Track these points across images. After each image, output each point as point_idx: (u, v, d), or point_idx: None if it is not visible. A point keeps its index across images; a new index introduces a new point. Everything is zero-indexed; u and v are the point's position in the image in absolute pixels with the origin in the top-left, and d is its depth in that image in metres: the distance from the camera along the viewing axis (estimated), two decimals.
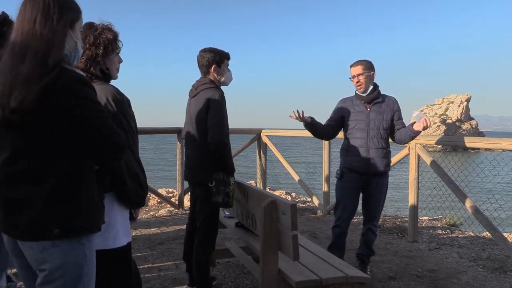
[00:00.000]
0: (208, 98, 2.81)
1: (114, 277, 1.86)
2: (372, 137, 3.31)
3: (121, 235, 1.86)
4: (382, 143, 3.33)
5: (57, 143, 1.39)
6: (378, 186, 3.39)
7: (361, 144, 3.34)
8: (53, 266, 1.40)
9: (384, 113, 3.34)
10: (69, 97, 1.35)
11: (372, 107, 3.35)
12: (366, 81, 3.33)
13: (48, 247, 1.39)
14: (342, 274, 2.59)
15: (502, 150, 3.92)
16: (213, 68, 2.94)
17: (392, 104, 3.38)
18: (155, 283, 3.39)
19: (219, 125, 2.77)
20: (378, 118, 3.31)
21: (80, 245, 1.44)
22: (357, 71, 3.35)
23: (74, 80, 1.38)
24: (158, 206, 6.44)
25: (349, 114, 3.42)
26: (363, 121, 3.34)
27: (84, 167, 1.46)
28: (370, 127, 3.32)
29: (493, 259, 4.05)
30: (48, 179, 1.37)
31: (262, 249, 2.56)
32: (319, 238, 4.76)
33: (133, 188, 1.84)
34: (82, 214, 1.44)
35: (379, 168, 3.32)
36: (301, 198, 7.54)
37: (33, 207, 1.36)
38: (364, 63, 3.36)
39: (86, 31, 1.88)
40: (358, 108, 3.40)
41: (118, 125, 1.63)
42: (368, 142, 3.32)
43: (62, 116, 1.35)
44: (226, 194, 2.79)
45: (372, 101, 3.35)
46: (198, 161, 2.92)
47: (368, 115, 3.34)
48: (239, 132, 6.79)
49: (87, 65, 1.88)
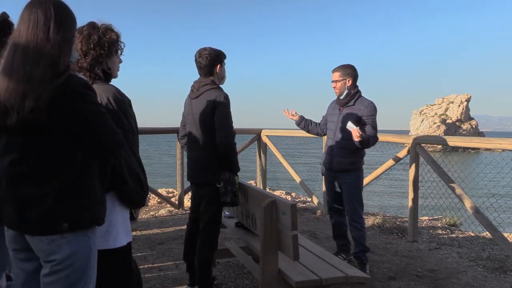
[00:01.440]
0: (213, 99, 2.82)
1: (114, 277, 1.87)
2: (337, 137, 3.64)
3: (121, 235, 1.86)
4: (346, 144, 3.56)
5: (64, 143, 1.49)
6: (346, 182, 3.67)
7: (330, 143, 3.74)
8: (61, 257, 1.49)
9: (352, 116, 3.56)
10: (76, 100, 1.46)
11: (343, 110, 3.65)
12: (342, 87, 3.63)
13: (56, 239, 1.48)
14: (342, 274, 2.59)
15: (502, 150, 3.93)
16: (218, 67, 2.95)
17: (363, 109, 3.56)
18: (155, 283, 3.39)
19: (227, 126, 2.81)
20: (346, 120, 3.53)
21: (87, 237, 1.55)
22: (335, 77, 3.67)
23: (80, 85, 1.49)
24: (158, 206, 6.44)
25: (328, 115, 3.86)
26: (334, 122, 3.71)
27: (89, 164, 1.55)
28: (337, 128, 3.65)
29: (493, 259, 4.05)
30: (57, 177, 1.47)
31: (262, 249, 2.57)
32: (319, 238, 4.76)
33: (134, 187, 1.85)
34: (89, 208, 1.54)
35: (343, 166, 3.64)
36: (301, 198, 7.54)
37: (43, 204, 1.46)
38: (341, 70, 3.64)
39: (91, 31, 1.89)
40: (333, 110, 3.79)
41: (117, 124, 1.68)
42: (334, 141, 3.68)
43: (70, 118, 1.46)
44: (233, 193, 2.82)
45: (344, 104, 3.65)
46: (204, 162, 2.92)
47: (338, 117, 3.67)
48: (239, 132, 6.77)
49: (92, 65, 1.89)
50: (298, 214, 2.61)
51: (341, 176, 3.68)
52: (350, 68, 3.64)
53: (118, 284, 1.89)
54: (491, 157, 5.17)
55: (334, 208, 3.86)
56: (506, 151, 4.08)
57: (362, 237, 3.65)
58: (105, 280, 1.80)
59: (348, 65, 3.66)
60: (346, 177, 3.66)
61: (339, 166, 3.65)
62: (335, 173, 3.71)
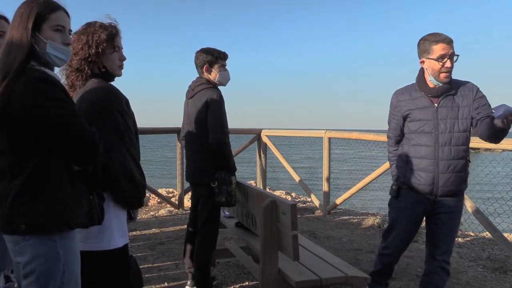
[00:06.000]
0: (207, 98, 2.82)
1: (110, 278, 1.84)
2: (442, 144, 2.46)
3: (116, 237, 1.83)
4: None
5: (25, 142, 1.45)
6: (450, 209, 2.54)
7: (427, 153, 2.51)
8: (25, 260, 1.47)
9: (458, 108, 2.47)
10: (30, 96, 1.41)
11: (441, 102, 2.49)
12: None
13: (19, 240, 1.47)
14: (342, 274, 2.59)
15: (502, 150, 3.92)
16: (205, 68, 2.95)
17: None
18: (155, 283, 3.39)
19: (219, 125, 2.78)
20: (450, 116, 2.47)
21: (51, 241, 1.48)
22: (451, 47, 2.40)
23: (36, 80, 1.43)
24: (158, 206, 6.44)
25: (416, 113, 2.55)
26: (431, 121, 2.49)
27: (54, 166, 1.49)
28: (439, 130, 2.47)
29: (493, 259, 4.05)
30: (17, 177, 1.44)
31: (262, 249, 2.57)
32: (319, 238, 4.76)
33: (128, 188, 1.81)
34: (48, 211, 1.46)
35: (453, 187, 2.49)
36: (301, 198, 7.54)
37: (4, 203, 1.44)
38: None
39: (82, 31, 1.89)
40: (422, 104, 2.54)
41: (112, 124, 1.69)
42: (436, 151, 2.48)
43: (27, 116, 1.41)
44: (228, 193, 2.80)
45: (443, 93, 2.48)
46: (199, 161, 2.92)
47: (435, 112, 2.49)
48: (239, 132, 6.79)
49: (81, 65, 1.87)
50: (298, 214, 2.61)
51: (446, 202, 2.53)
52: None
53: (113, 286, 1.86)
54: (491, 157, 5.17)
55: (405, 245, 2.71)
56: (506, 151, 4.08)
57: (445, 284, 2.66)
58: (101, 281, 1.78)
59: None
60: (452, 204, 2.54)
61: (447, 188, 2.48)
62: (436, 197, 2.52)
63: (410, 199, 2.58)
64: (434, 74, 2.42)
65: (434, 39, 2.41)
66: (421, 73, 2.54)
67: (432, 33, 2.45)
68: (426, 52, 2.44)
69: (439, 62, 2.38)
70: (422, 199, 2.54)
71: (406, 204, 2.60)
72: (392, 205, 2.72)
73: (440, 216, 2.54)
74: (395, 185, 2.66)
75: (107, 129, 1.75)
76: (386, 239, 2.75)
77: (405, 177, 2.58)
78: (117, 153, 1.78)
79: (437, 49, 2.39)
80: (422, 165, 2.49)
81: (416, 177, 2.52)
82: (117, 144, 1.79)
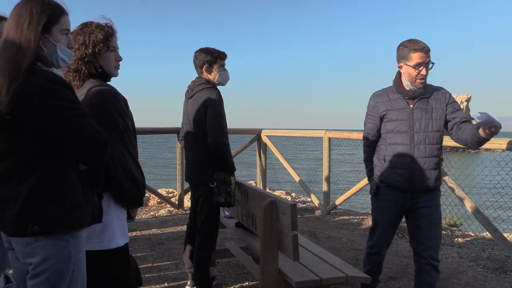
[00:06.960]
0: (206, 98, 2.81)
1: (111, 277, 1.85)
2: (417, 142, 2.57)
3: (117, 236, 1.84)
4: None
5: (38, 143, 1.44)
6: (428, 204, 2.63)
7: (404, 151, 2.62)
8: (37, 260, 1.46)
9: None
10: (44, 98, 1.41)
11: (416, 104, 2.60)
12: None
13: (31, 242, 1.45)
14: (342, 274, 2.59)
15: (502, 150, 3.92)
16: (205, 68, 2.94)
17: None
18: (155, 283, 3.39)
19: (218, 125, 2.78)
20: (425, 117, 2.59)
21: (64, 241, 1.49)
22: (428, 56, 2.52)
23: (48, 81, 1.43)
24: (158, 206, 6.44)
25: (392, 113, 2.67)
26: (406, 121, 2.60)
27: (64, 166, 1.49)
28: (414, 130, 2.58)
29: (493, 259, 4.05)
30: (29, 178, 1.43)
31: (262, 249, 2.56)
32: (319, 238, 4.76)
33: (129, 188, 1.83)
34: (61, 211, 1.47)
35: (428, 182, 2.59)
36: (301, 198, 7.54)
37: (15, 205, 1.43)
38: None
39: (79, 31, 1.89)
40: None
41: (110, 124, 1.68)
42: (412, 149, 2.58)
43: (39, 116, 1.41)
44: (227, 193, 2.80)
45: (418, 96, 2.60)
46: (198, 162, 2.92)
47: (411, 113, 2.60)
48: (239, 132, 6.79)
49: (78, 65, 1.87)
50: (298, 214, 2.60)
51: (423, 197, 2.63)
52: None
53: (114, 285, 1.86)
54: (491, 157, 5.17)
55: (389, 242, 2.84)
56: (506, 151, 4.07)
57: (436, 282, 2.69)
58: (101, 281, 1.79)
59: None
60: (430, 198, 2.64)
61: (423, 184, 2.59)
62: (413, 194, 2.63)
63: (389, 197, 2.70)
64: (411, 80, 2.58)
65: (413, 47, 2.55)
66: (398, 77, 2.68)
67: (411, 40, 2.59)
68: (404, 58, 2.58)
69: (415, 69, 2.53)
70: (400, 196, 2.66)
71: (386, 202, 2.72)
72: (373, 205, 2.85)
73: (419, 211, 2.65)
74: (373, 184, 2.78)
75: (107, 129, 1.75)
76: (372, 238, 2.87)
77: (383, 175, 2.70)
78: (117, 153, 1.79)
79: (415, 57, 2.53)
80: (399, 162, 2.61)
81: (394, 175, 2.64)
82: (117, 144, 1.80)
